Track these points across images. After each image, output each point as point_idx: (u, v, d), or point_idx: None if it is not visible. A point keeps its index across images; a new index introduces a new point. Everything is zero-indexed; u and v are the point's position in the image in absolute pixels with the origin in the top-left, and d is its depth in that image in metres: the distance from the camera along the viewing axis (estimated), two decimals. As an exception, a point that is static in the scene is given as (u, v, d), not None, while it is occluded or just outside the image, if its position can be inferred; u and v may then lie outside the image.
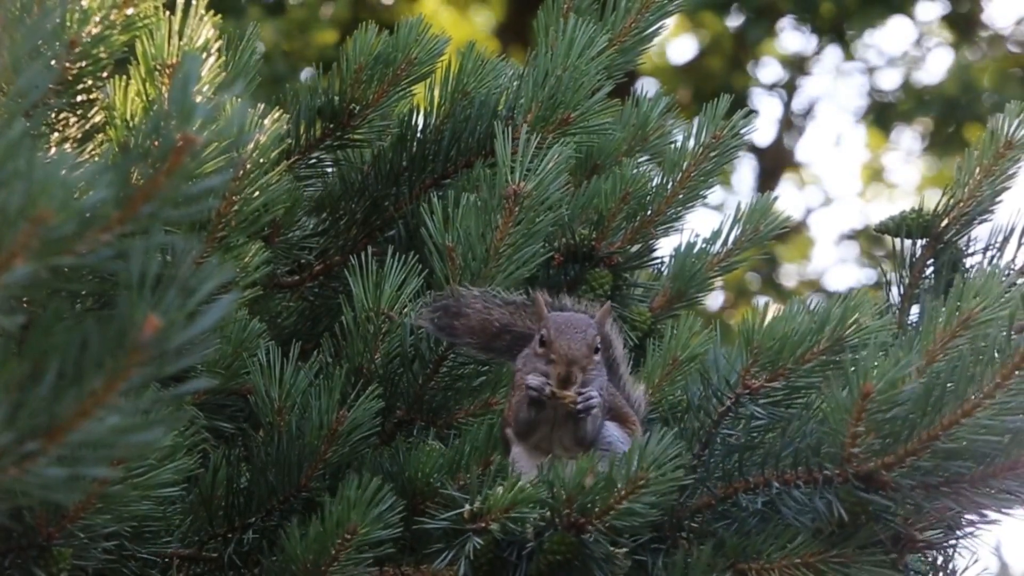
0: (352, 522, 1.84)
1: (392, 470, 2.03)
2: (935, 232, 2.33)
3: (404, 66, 2.37)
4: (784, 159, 9.91)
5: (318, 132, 2.40)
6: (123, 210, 1.31)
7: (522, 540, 1.81)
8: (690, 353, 2.18)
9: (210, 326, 1.24)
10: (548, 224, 2.08)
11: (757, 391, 1.91)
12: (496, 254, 2.06)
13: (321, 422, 2.00)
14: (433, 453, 2.01)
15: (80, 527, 1.76)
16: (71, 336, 1.27)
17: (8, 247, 1.24)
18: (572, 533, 1.80)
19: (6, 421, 1.26)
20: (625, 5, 2.46)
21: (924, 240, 2.34)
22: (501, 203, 2.03)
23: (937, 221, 2.32)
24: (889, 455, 1.77)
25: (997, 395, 1.73)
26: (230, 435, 2.14)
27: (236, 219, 1.80)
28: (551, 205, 2.05)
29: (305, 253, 2.38)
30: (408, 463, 2.02)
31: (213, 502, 2.03)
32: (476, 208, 2.07)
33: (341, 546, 1.84)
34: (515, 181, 2.02)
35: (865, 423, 1.75)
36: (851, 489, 1.79)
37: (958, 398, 1.74)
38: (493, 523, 1.79)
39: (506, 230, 2.05)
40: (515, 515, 1.79)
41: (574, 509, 1.80)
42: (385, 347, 2.13)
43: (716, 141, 2.34)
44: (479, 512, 1.80)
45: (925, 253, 2.33)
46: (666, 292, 2.41)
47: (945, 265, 2.29)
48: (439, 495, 1.91)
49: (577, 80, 2.24)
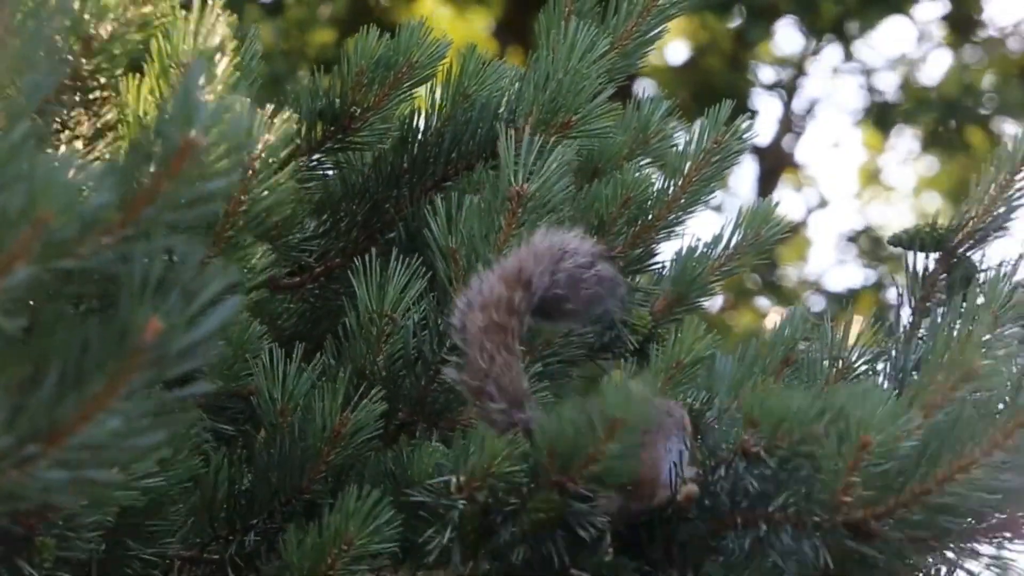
0: (349, 533, 1.84)
1: (395, 470, 2.03)
2: (948, 246, 2.31)
3: (405, 69, 2.37)
4: (784, 160, 9.91)
5: (319, 135, 2.40)
6: (125, 213, 1.31)
7: (506, 501, 1.81)
8: (694, 357, 2.18)
9: (213, 329, 1.24)
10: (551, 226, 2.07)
11: (754, 456, 1.86)
12: (500, 256, 2.05)
13: (324, 424, 2.00)
14: (436, 453, 2.01)
15: (62, 517, 1.75)
16: (72, 339, 1.26)
17: (9, 249, 1.24)
18: (555, 490, 1.80)
19: (7, 424, 1.25)
20: (627, 8, 2.46)
21: (937, 254, 2.33)
22: (504, 205, 2.03)
23: (951, 235, 2.31)
24: (880, 506, 1.75)
25: (995, 453, 1.70)
26: (231, 437, 2.14)
27: (244, 219, 1.80)
28: (554, 207, 2.05)
29: (305, 255, 2.38)
30: (411, 463, 2.02)
31: (215, 504, 2.03)
32: (479, 210, 2.07)
33: (337, 556, 1.85)
34: (518, 183, 2.02)
35: (860, 474, 1.73)
36: (839, 537, 1.77)
37: (955, 454, 1.72)
38: (478, 488, 1.79)
39: (509, 232, 2.04)
40: (498, 472, 1.78)
41: (556, 461, 1.78)
42: (388, 349, 2.13)
43: (718, 146, 2.34)
44: (464, 483, 1.80)
45: (938, 267, 2.32)
46: (667, 296, 2.41)
47: (958, 280, 2.28)
48: None
49: (578, 83, 2.24)
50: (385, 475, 2.04)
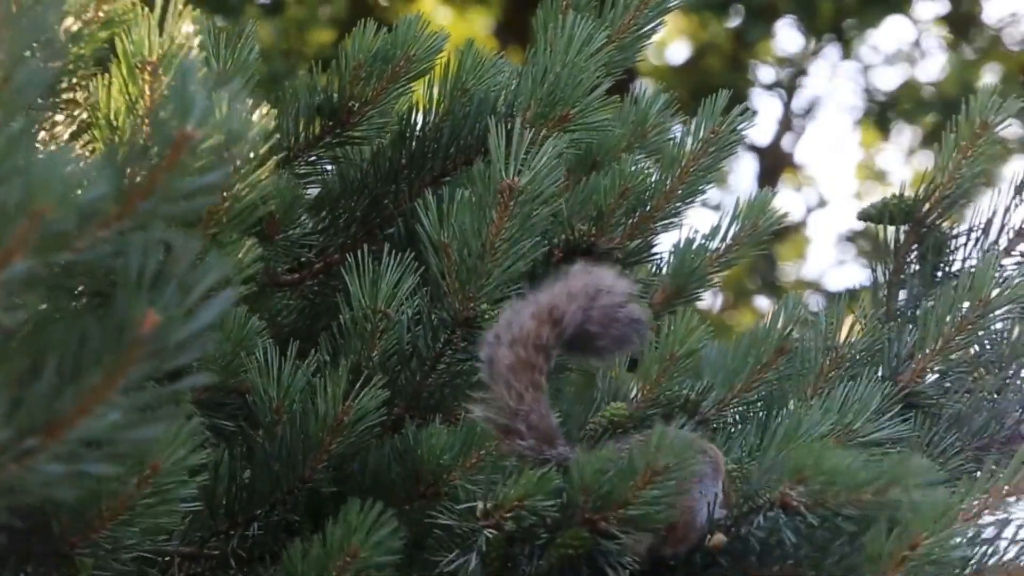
0: (354, 545, 1.84)
1: (401, 451, 2.02)
2: (918, 217, 2.32)
3: (403, 63, 2.37)
4: (783, 160, 9.91)
5: (317, 130, 2.40)
6: (122, 206, 1.31)
7: (535, 534, 1.81)
8: (687, 349, 2.17)
9: (209, 322, 1.24)
10: (544, 218, 2.07)
11: (793, 510, 1.84)
12: (492, 249, 2.05)
13: (326, 413, 2.00)
14: (442, 434, 2.01)
15: (105, 538, 1.76)
16: (70, 332, 1.27)
17: (7, 243, 1.24)
18: (586, 528, 1.80)
19: (5, 417, 1.26)
20: (624, 2, 2.46)
21: (907, 225, 2.33)
22: (496, 198, 2.02)
23: (919, 205, 2.32)
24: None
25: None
26: (230, 433, 2.14)
27: (228, 215, 1.80)
28: (546, 199, 2.04)
29: (305, 251, 2.38)
30: (418, 443, 2.01)
31: (215, 500, 2.03)
32: (471, 203, 2.06)
33: (341, 569, 1.84)
34: (509, 176, 2.01)
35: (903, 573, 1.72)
36: None
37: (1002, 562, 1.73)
38: (507, 518, 1.79)
39: (501, 225, 2.03)
40: (530, 505, 1.78)
41: (590, 500, 1.79)
42: (383, 344, 2.13)
43: (715, 136, 2.34)
44: (492, 510, 1.80)
45: (909, 238, 2.33)
46: (665, 288, 2.41)
47: (930, 250, 2.29)
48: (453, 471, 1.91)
49: (576, 77, 2.24)
50: (391, 458, 2.03)
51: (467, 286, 2.08)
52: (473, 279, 2.07)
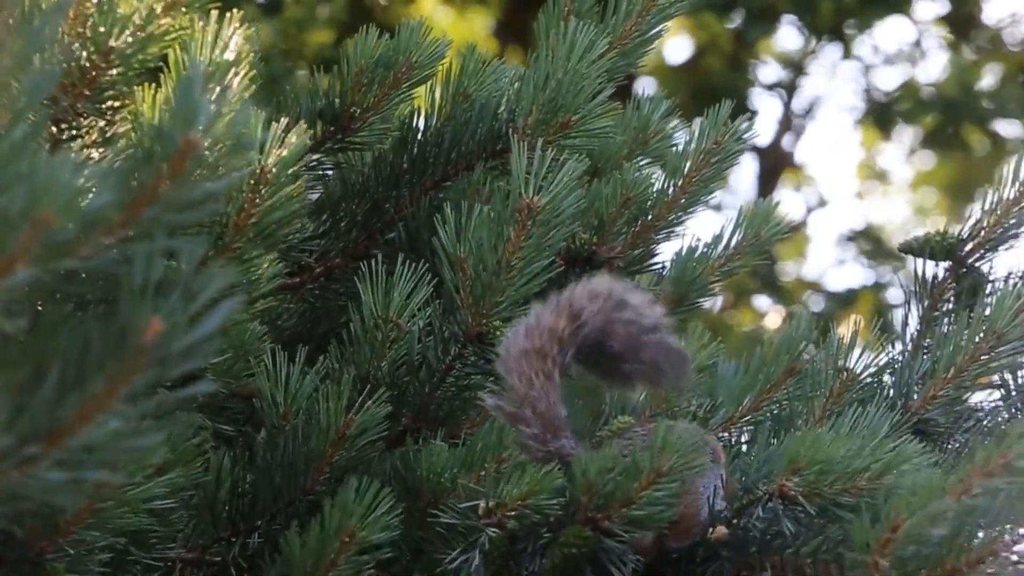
0: (351, 525, 1.84)
1: (402, 469, 2.02)
2: (959, 256, 2.30)
3: (405, 69, 2.37)
4: (784, 159, 9.91)
5: (318, 135, 2.40)
6: (126, 213, 1.31)
7: (538, 533, 1.81)
8: (698, 364, 2.17)
9: (213, 330, 1.24)
10: (560, 239, 2.07)
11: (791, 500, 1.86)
12: (508, 267, 2.05)
13: (328, 425, 2.00)
14: (443, 452, 2.01)
15: (71, 542, 1.75)
16: (73, 339, 1.26)
17: (10, 250, 1.24)
18: (589, 527, 1.80)
19: (7, 424, 1.25)
20: (626, 8, 2.45)
21: (947, 263, 2.31)
22: (514, 216, 2.02)
23: (961, 245, 2.29)
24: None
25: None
26: (232, 438, 2.13)
27: (254, 231, 1.80)
28: (564, 220, 2.04)
29: (305, 255, 2.38)
30: (418, 461, 2.02)
31: (217, 506, 2.03)
32: (489, 220, 2.06)
33: (340, 550, 1.84)
34: (529, 195, 2.01)
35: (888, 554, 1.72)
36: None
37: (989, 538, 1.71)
38: (510, 517, 1.79)
39: (518, 243, 2.03)
40: (532, 503, 1.78)
41: (593, 499, 1.79)
42: (392, 355, 2.13)
43: (717, 147, 2.34)
44: (495, 509, 1.80)
45: (947, 276, 2.31)
46: (667, 297, 2.40)
47: (966, 289, 2.27)
48: (454, 491, 1.91)
49: (578, 83, 2.24)
50: (391, 475, 2.03)
51: (481, 301, 2.07)
52: (487, 295, 2.06)
